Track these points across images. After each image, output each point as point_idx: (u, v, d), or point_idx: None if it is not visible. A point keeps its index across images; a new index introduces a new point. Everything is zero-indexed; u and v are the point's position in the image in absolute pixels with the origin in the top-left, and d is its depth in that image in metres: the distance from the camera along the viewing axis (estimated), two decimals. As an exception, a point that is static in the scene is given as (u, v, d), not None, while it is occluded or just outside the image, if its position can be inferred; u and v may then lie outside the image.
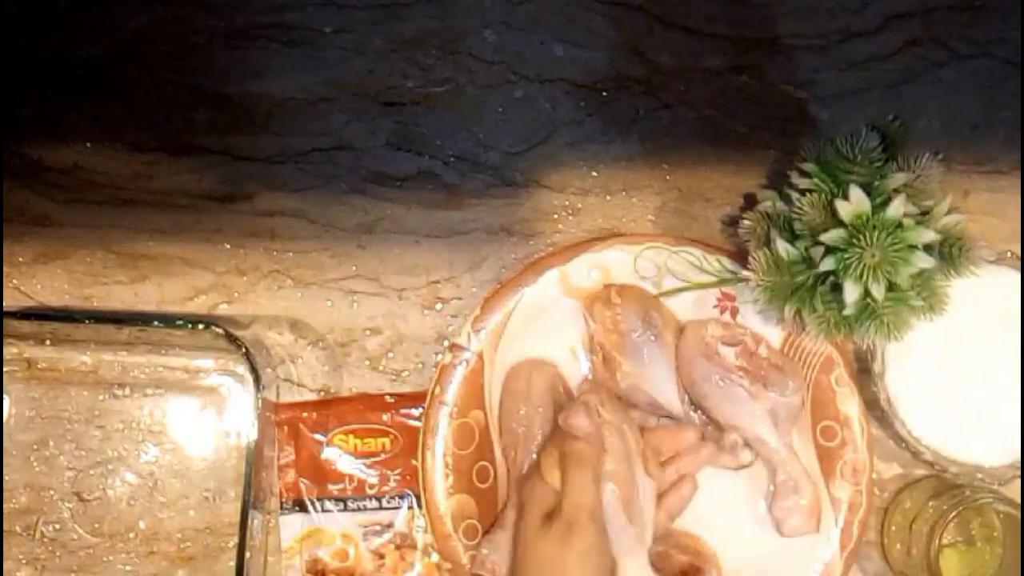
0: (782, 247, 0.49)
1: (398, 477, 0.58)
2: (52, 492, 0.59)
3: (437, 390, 0.57)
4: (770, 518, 0.55)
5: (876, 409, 0.55)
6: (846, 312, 0.48)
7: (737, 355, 0.55)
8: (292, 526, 0.58)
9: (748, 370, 0.55)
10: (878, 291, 0.46)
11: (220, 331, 0.54)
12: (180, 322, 0.56)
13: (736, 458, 0.55)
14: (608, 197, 0.60)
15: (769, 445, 0.54)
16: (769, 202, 0.52)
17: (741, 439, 0.55)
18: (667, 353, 0.56)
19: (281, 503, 0.58)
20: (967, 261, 0.47)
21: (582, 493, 0.49)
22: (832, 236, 0.47)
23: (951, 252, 0.47)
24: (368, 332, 0.60)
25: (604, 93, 0.61)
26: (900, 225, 0.47)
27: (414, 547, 0.58)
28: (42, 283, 0.61)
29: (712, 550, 0.55)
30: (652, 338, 0.56)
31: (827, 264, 0.47)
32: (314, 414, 0.59)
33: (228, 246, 0.61)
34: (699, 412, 0.56)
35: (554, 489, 0.50)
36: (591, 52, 0.61)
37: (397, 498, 0.58)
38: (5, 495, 0.59)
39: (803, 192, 0.49)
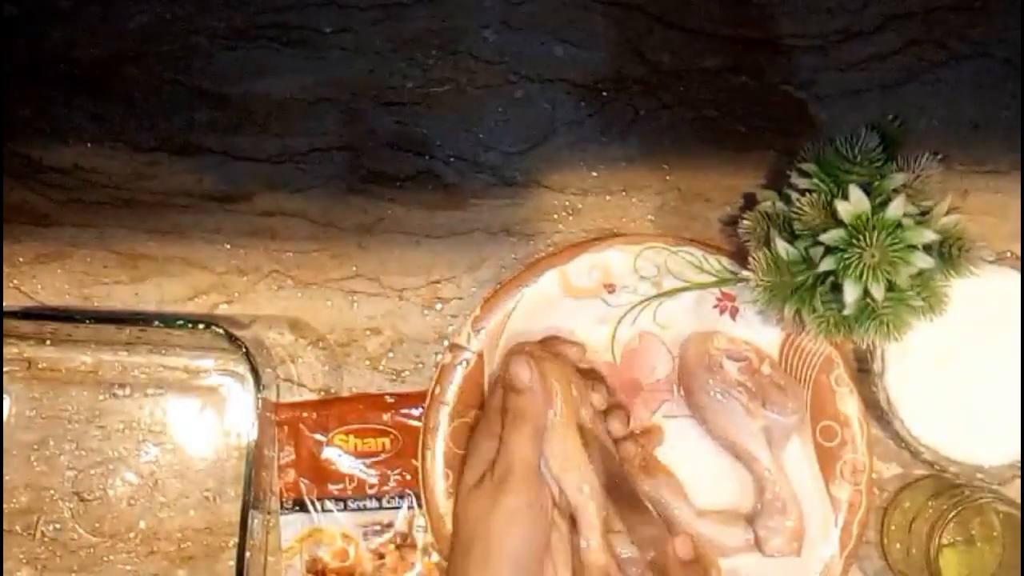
0: (782, 247, 0.49)
1: (398, 477, 0.58)
2: (52, 492, 0.59)
3: (437, 390, 0.57)
4: (752, 535, 0.55)
5: (876, 409, 0.55)
6: (846, 312, 0.48)
7: (740, 371, 0.55)
8: (292, 526, 0.58)
9: (748, 387, 0.55)
10: (878, 291, 0.46)
11: (220, 331, 0.54)
12: (180, 322, 0.56)
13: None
14: (608, 197, 0.61)
15: (761, 463, 0.55)
16: (769, 202, 0.52)
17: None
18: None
19: (281, 503, 0.58)
20: (967, 261, 0.47)
21: (517, 450, 0.47)
22: (832, 236, 0.47)
23: (951, 252, 0.47)
24: (368, 332, 0.60)
25: (604, 93, 0.61)
26: (900, 225, 0.47)
27: (414, 547, 0.58)
28: (42, 283, 0.61)
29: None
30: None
31: (827, 264, 0.47)
32: (314, 414, 0.59)
33: (228, 246, 0.61)
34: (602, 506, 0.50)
35: (495, 445, 0.49)
36: (591, 52, 0.61)
37: (397, 498, 0.58)
38: (6, 495, 0.59)
39: (803, 192, 0.49)
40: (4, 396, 0.60)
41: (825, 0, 0.60)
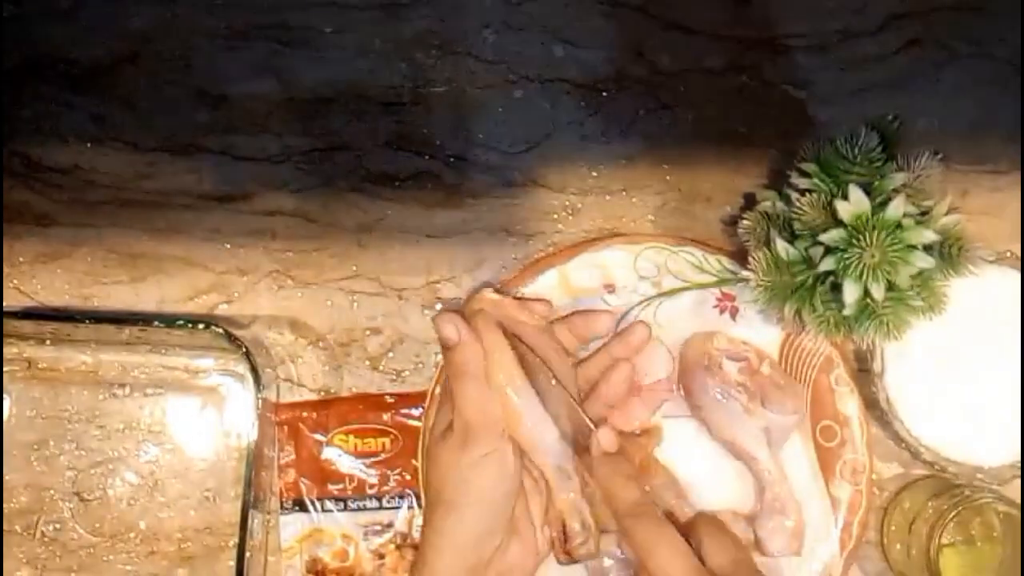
0: (782, 247, 0.49)
1: (398, 477, 0.58)
2: (52, 492, 0.60)
3: (437, 390, 0.57)
4: (752, 536, 0.55)
5: (876, 409, 0.55)
6: (846, 312, 0.48)
7: (739, 371, 0.55)
8: (292, 526, 0.58)
9: (748, 387, 0.55)
10: (878, 291, 0.46)
11: (220, 331, 0.54)
12: (180, 322, 0.56)
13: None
14: (608, 197, 0.61)
15: (760, 463, 0.55)
16: (769, 202, 0.52)
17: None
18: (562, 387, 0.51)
19: (281, 503, 0.58)
20: (966, 261, 0.47)
21: (466, 403, 0.49)
22: (832, 236, 0.47)
23: (950, 252, 0.48)
24: (368, 332, 0.60)
25: (604, 93, 0.61)
26: (899, 225, 0.47)
27: (414, 547, 0.58)
28: (42, 283, 0.61)
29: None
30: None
31: (827, 264, 0.47)
32: (314, 414, 0.59)
33: (228, 246, 0.61)
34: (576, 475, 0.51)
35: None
36: (591, 52, 0.61)
37: (397, 498, 0.58)
38: (5, 495, 0.59)
39: (803, 192, 0.50)
40: (4, 396, 0.60)
41: (825, 0, 0.60)
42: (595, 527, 0.50)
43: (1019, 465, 0.53)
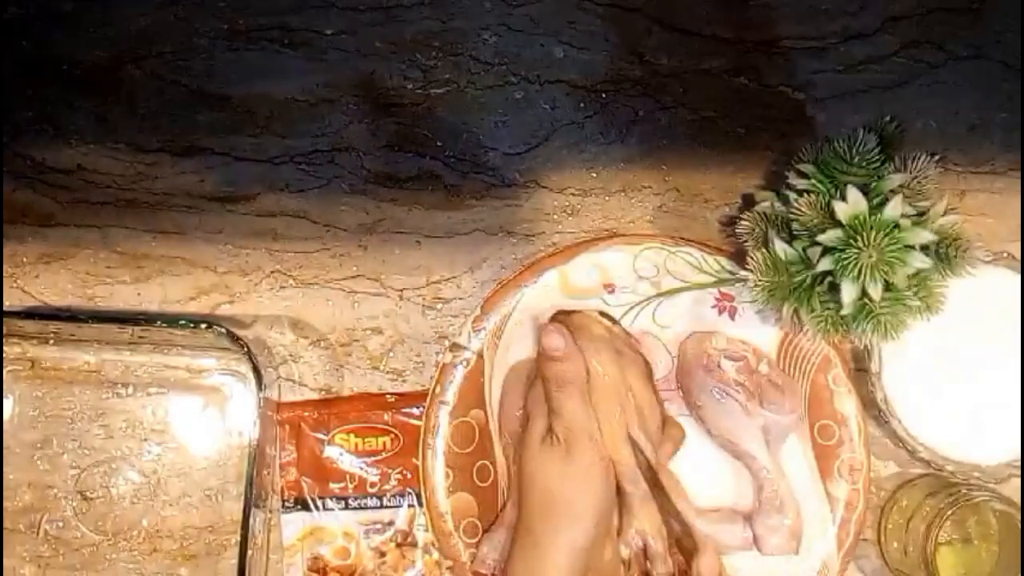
0: (780, 247, 0.50)
1: (399, 476, 0.59)
2: (55, 490, 0.60)
3: (437, 389, 0.57)
4: (751, 534, 0.55)
5: (873, 408, 0.55)
6: (843, 312, 0.48)
7: (738, 370, 0.56)
8: (294, 524, 0.58)
9: (746, 386, 0.55)
10: (875, 291, 0.47)
11: (222, 331, 0.55)
12: (183, 322, 0.56)
13: None
14: (607, 198, 0.61)
15: (759, 462, 0.55)
16: (767, 203, 0.53)
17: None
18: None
19: (283, 501, 0.58)
20: (963, 261, 0.48)
21: (571, 413, 0.50)
22: (829, 236, 0.47)
23: (947, 252, 0.48)
24: (369, 332, 0.61)
25: (603, 94, 0.61)
26: (897, 226, 0.47)
27: (415, 545, 0.58)
28: (46, 283, 0.62)
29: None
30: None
31: (824, 264, 0.48)
32: (315, 413, 0.59)
33: (230, 246, 0.61)
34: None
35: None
36: (590, 54, 0.61)
37: (398, 496, 0.59)
38: (9, 493, 0.60)
39: (801, 193, 0.50)
40: (8, 395, 0.60)
41: (823, 2, 0.60)
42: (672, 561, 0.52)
43: (1016, 464, 0.53)
